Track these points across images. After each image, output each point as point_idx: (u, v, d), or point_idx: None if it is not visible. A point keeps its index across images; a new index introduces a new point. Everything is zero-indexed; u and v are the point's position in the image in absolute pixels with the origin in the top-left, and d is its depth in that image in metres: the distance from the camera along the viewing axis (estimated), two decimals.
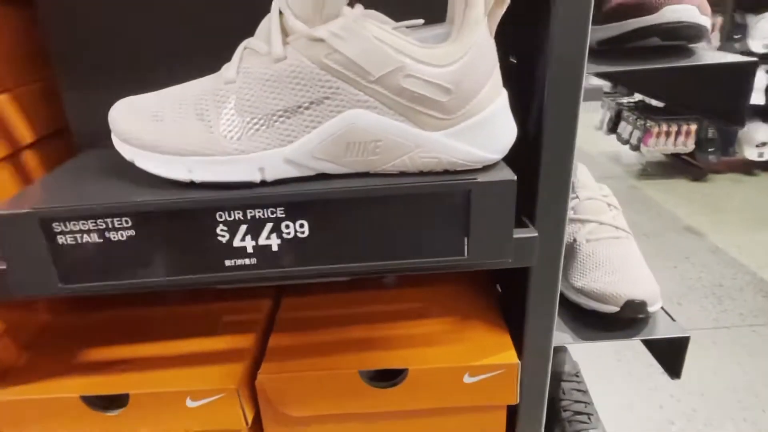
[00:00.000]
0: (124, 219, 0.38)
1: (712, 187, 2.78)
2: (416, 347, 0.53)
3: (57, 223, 0.38)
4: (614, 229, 0.68)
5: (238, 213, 0.38)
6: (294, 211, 0.38)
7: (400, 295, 0.62)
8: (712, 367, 1.69)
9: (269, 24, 0.38)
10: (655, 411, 1.60)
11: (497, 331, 0.54)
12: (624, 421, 1.53)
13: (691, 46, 0.55)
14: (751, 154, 2.72)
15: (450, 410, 0.53)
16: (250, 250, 0.39)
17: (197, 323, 0.59)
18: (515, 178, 0.38)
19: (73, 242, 0.38)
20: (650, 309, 0.60)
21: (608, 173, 3.06)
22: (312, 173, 0.40)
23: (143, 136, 0.39)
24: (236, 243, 0.39)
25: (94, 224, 0.38)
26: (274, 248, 0.39)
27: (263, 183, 0.39)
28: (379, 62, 0.38)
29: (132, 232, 0.38)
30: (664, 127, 2.77)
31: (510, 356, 0.51)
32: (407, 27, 0.43)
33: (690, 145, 2.79)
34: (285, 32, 0.38)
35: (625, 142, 2.94)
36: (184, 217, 0.38)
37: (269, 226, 0.39)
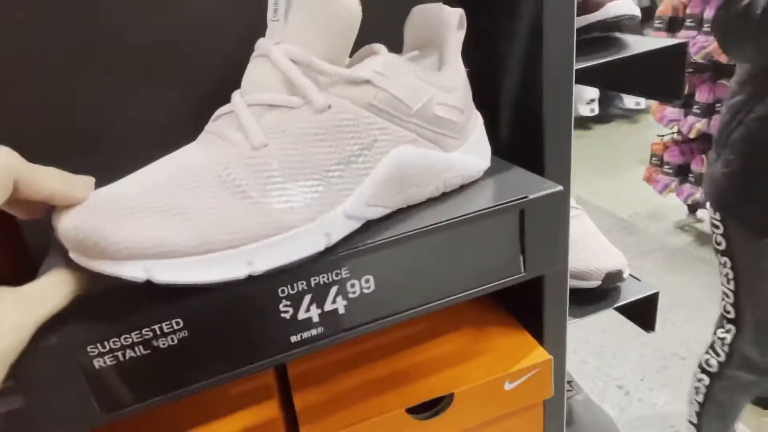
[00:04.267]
0: (174, 321, 0.32)
1: None
2: (449, 369, 0.52)
3: (92, 346, 0.31)
4: (571, 208, 0.72)
5: (302, 284, 0.34)
6: (359, 268, 0.36)
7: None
8: None
9: (283, 75, 0.34)
10: (570, 354, 1.76)
11: (517, 333, 0.56)
12: None
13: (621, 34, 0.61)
14: (584, 110, 3.06)
15: (492, 421, 0.53)
16: (316, 319, 0.36)
17: (207, 405, 0.52)
18: (562, 188, 0.39)
19: (114, 362, 0.32)
20: (624, 276, 0.66)
21: None
22: (361, 223, 0.37)
23: (169, 239, 0.29)
24: (301, 316, 0.35)
25: (138, 335, 0.32)
26: (341, 311, 0.36)
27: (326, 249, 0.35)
28: (416, 95, 0.37)
29: (185, 333, 0.33)
30: None
31: (541, 354, 0.52)
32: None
33: None
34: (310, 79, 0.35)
35: None
36: (245, 303, 0.33)
37: (334, 289, 0.35)
